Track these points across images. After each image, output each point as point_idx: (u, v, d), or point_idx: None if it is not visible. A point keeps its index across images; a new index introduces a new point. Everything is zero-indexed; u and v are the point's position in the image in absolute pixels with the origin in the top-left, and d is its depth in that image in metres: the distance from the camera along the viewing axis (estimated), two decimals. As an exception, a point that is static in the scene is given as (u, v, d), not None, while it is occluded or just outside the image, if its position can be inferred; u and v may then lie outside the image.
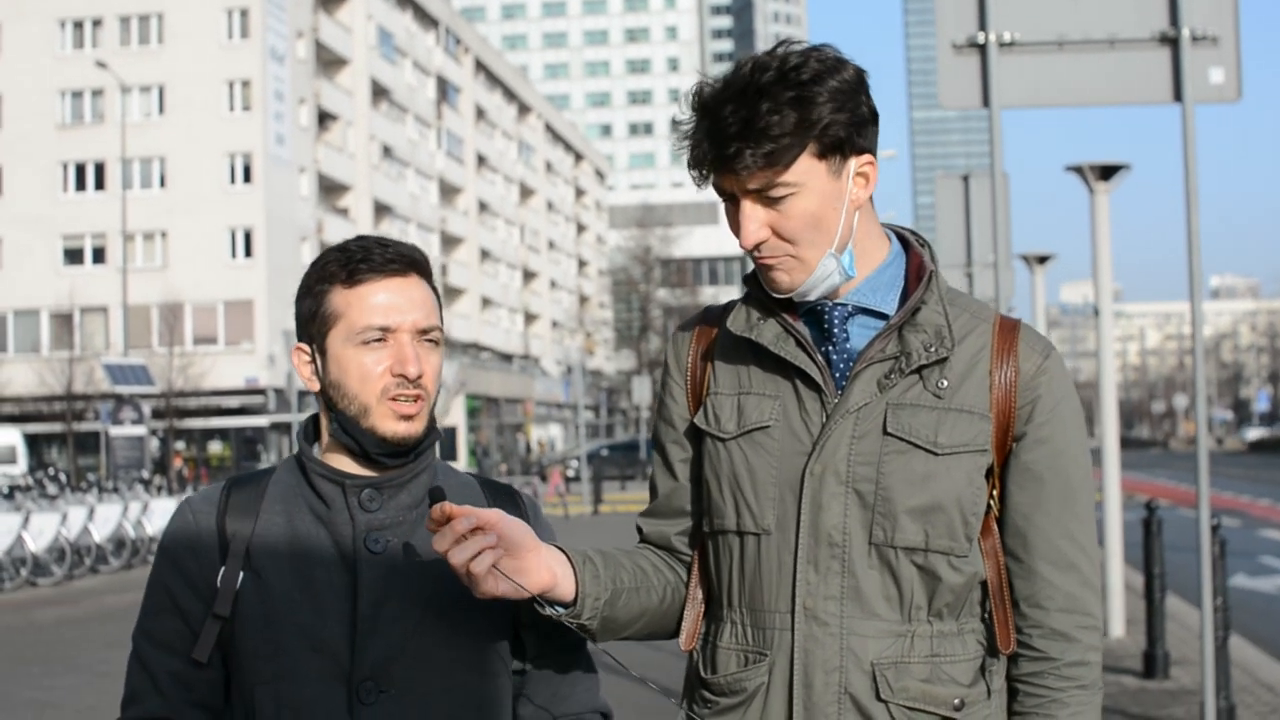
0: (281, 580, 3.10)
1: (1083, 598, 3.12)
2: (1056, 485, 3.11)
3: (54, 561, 27.38)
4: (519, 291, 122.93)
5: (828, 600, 3.04)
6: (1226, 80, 9.59)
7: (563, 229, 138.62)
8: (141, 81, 78.81)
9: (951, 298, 3.14)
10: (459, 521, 2.90)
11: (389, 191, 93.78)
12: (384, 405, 3.08)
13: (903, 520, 3.02)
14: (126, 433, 47.17)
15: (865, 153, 3.03)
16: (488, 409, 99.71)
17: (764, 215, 3.01)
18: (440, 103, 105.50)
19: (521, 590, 2.98)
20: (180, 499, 27.77)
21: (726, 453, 3.15)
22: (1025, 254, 20.93)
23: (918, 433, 3.03)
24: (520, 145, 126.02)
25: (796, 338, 3.10)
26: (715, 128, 2.96)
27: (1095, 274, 14.74)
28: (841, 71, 2.97)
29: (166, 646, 3.13)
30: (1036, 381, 3.10)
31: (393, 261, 3.13)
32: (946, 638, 3.07)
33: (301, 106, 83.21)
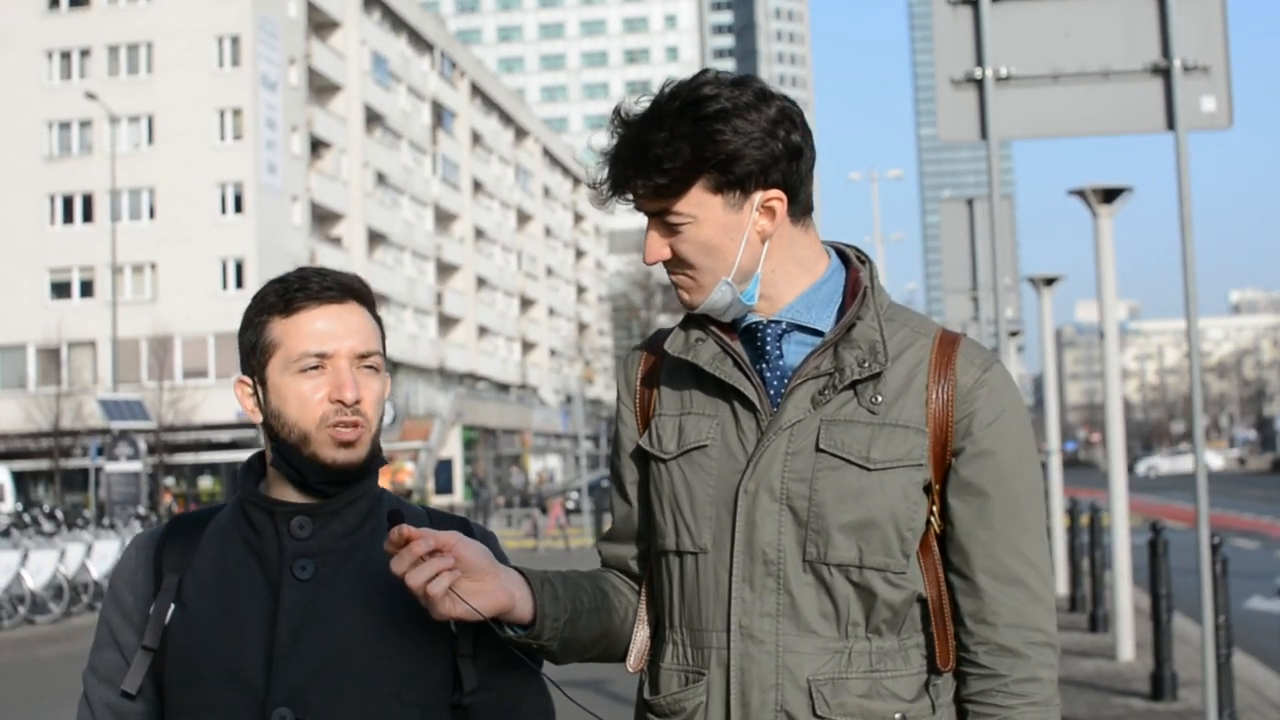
0: (206, 611, 3.11)
1: (1031, 613, 3.08)
2: (999, 499, 3.08)
3: (51, 599, 27.69)
4: (516, 320, 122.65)
5: (763, 618, 3.06)
6: (1218, 108, 10.09)
7: (561, 255, 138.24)
8: (130, 112, 78.30)
9: (891, 314, 3.16)
10: (417, 544, 2.90)
11: (383, 219, 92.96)
12: (323, 432, 3.09)
13: (836, 537, 3.03)
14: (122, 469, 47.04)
15: (774, 187, 3.04)
16: (485, 440, 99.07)
17: (664, 238, 3.09)
18: (435, 128, 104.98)
19: (475, 612, 2.97)
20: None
21: (668, 473, 3.19)
22: (1032, 276, 21.25)
23: (850, 448, 3.05)
24: (517, 170, 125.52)
25: (734, 357, 3.14)
26: (617, 150, 3.07)
27: (1100, 297, 14.93)
28: (759, 107, 3.01)
29: (106, 680, 3.17)
30: (974, 394, 3.09)
31: (329, 289, 3.16)
32: (887, 654, 3.06)
33: (294, 134, 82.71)
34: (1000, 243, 19.86)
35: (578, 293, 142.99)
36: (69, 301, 78.52)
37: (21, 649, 23.21)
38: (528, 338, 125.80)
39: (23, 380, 77.46)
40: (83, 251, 77.84)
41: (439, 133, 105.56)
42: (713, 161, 2.99)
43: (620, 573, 3.39)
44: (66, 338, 76.11)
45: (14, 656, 22.24)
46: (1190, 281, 10.35)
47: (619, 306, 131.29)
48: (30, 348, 77.79)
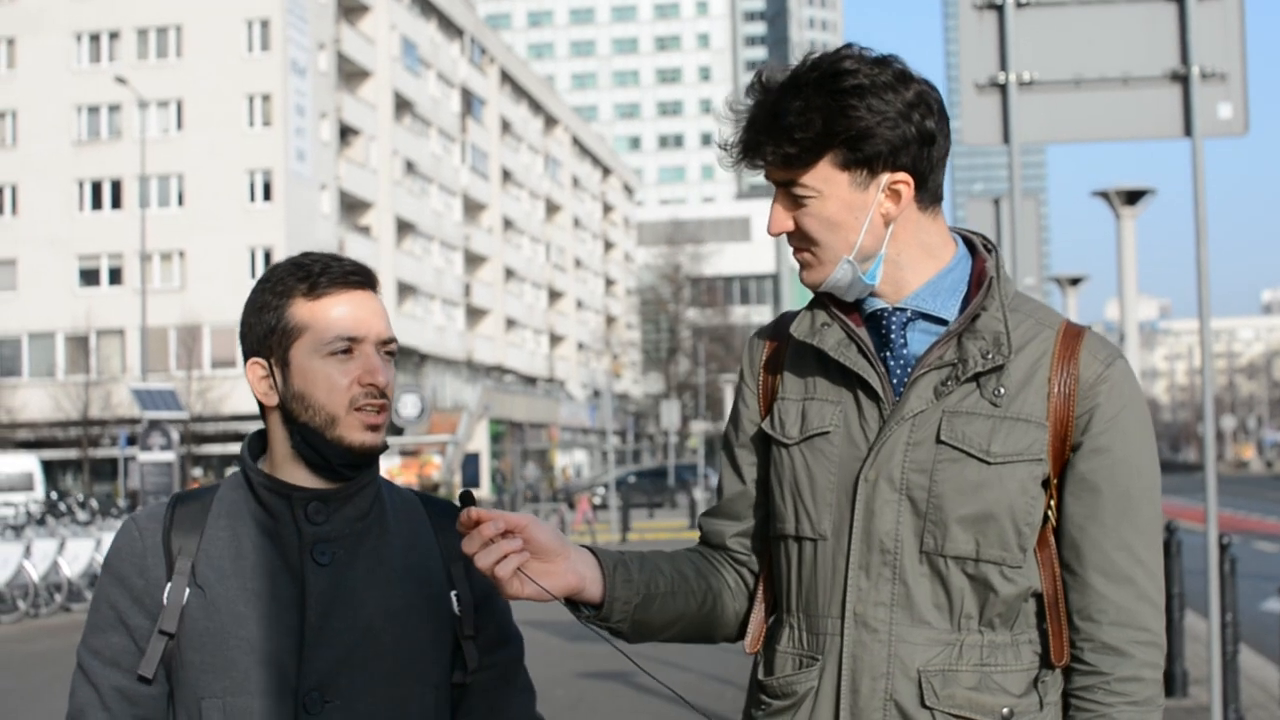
0: (228, 595, 3.14)
1: (1138, 611, 3.06)
2: (1113, 496, 3.06)
3: (87, 587, 27.88)
4: (544, 312, 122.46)
5: (877, 607, 3.06)
6: (1235, 115, 10.21)
7: (590, 246, 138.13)
8: (159, 96, 78.20)
9: (1016, 304, 3.14)
10: (486, 526, 2.93)
11: (412, 208, 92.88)
12: (352, 416, 3.14)
13: (954, 529, 3.03)
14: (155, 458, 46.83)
15: (902, 170, 3.03)
16: (511, 434, 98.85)
17: (789, 209, 3.09)
18: (465, 116, 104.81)
19: (545, 593, 3.00)
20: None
21: (789, 458, 3.19)
22: (1058, 275, 21.58)
23: (971, 441, 3.03)
24: (547, 159, 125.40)
25: (858, 344, 3.13)
26: (753, 115, 3.06)
27: (1121, 298, 15.08)
28: (898, 88, 3.00)
29: (112, 663, 3.19)
30: (1096, 390, 3.06)
31: (352, 274, 3.21)
32: (998, 648, 3.06)
33: (323, 121, 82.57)
34: (1024, 242, 19.93)
35: (606, 285, 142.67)
36: (98, 289, 78.63)
37: (59, 636, 23.36)
38: (555, 330, 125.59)
39: (51, 369, 77.60)
40: (111, 238, 77.90)
41: (468, 120, 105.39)
42: (843, 136, 2.99)
43: (716, 549, 3.39)
44: (95, 326, 76.37)
45: (52, 643, 22.50)
46: (1204, 286, 10.53)
47: (647, 300, 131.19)
48: (59, 336, 77.98)
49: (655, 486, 74.34)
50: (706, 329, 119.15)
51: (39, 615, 26.44)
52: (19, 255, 78.60)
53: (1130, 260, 14.73)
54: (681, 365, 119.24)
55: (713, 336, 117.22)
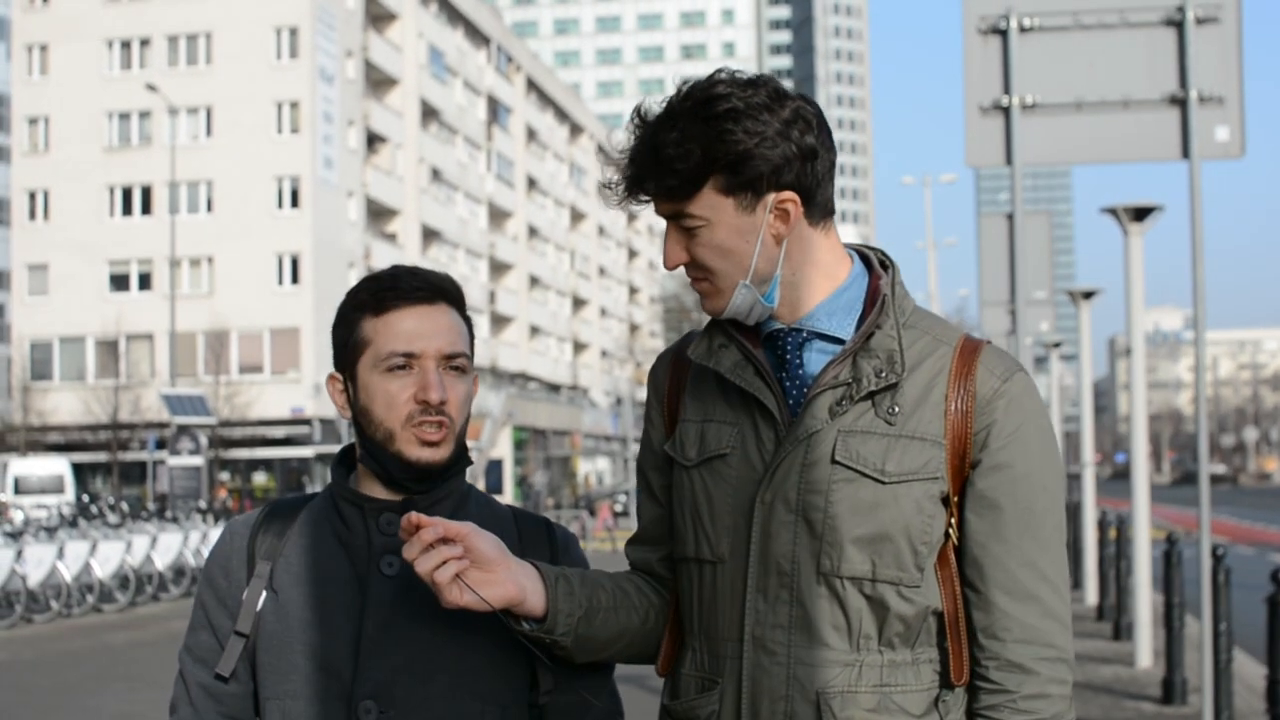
0: (298, 600, 3.21)
1: (1043, 629, 3.04)
2: (1015, 513, 3.04)
3: (118, 588, 28.56)
4: (568, 320, 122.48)
5: (775, 629, 3.05)
6: (1231, 138, 10.58)
7: (614, 254, 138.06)
8: (189, 103, 78.53)
9: (913, 321, 3.12)
10: (425, 531, 2.95)
11: (438, 216, 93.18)
12: (408, 431, 3.16)
13: (849, 550, 3.01)
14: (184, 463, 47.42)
15: (787, 188, 3.00)
16: (535, 441, 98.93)
17: (682, 241, 3.08)
18: (491, 124, 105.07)
19: (482, 602, 3.01)
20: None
21: (689, 480, 3.18)
22: (1071, 289, 21.47)
23: (865, 460, 3.01)
24: (572, 167, 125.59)
25: (755, 365, 3.12)
26: (633, 151, 3.07)
27: (1128, 313, 15.39)
28: (773, 108, 2.98)
29: (201, 660, 3.28)
30: (993, 405, 3.04)
31: (419, 289, 3.22)
32: (898, 667, 3.04)
33: (350, 128, 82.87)
34: (1033, 258, 20.43)
35: (630, 293, 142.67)
36: (127, 294, 79.01)
37: (91, 635, 23.91)
38: (579, 338, 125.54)
39: (82, 373, 77.97)
40: (141, 244, 78.30)
41: (494, 128, 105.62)
42: (722, 162, 2.97)
43: (646, 575, 3.38)
44: (125, 330, 76.67)
45: (85, 643, 22.92)
46: (1200, 305, 10.90)
47: (670, 308, 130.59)
48: (89, 340, 78.35)
49: (677, 494, 74.51)
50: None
51: (71, 615, 26.78)
52: (50, 260, 79.02)
53: (1138, 276, 14.87)
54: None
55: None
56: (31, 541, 27.51)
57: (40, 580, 26.76)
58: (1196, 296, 10.91)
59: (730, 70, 3.05)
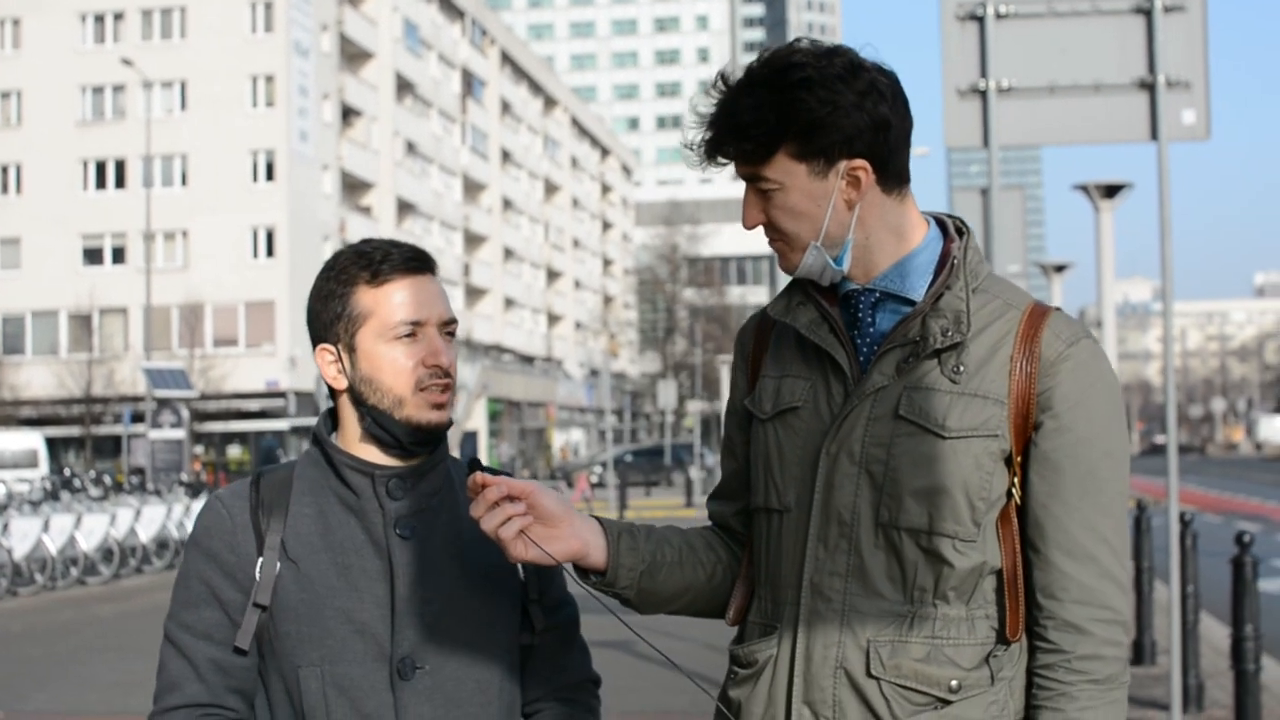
0: (320, 569, 3.30)
1: (1100, 590, 3.09)
2: (1076, 475, 3.10)
3: (102, 561, 28.97)
4: (542, 291, 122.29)
5: (833, 577, 3.15)
6: (1198, 121, 10.99)
7: (588, 227, 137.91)
8: (163, 77, 78.29)
9: (986, 285, 3.20)
10: (490, 490, 3.05)
11: (412, 189, 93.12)
12: (418, 396, 3.29)
13: (907, 501, 3.09)
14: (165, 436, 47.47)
15: (859, 156, 3.10)
16: (509, 413, 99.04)
17: (759, 203, 3.18)
18: (465, 97, 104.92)
19: (547, 556, 3.11)
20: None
21: (764, 433, 3.29)
22: (1043, 262, 21.88)
23: (928, 415, 3.09)
24: (546, 140, 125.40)
25: (830, 322, 3.23)
26: (713, 115, 3.15)
27: (1099, 286, 15.72)
28: (848, 79, 3.06)
29: (205, 636, 3.30)
30: (1057, 368, 3.10)
31: (412, 259, 3.34)
32: (952, 621, 3.11)
33: (325, 102, 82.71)
34: (1007, 232, 20.74)
35: (604, 265, 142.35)
36: (101, 268, 78.79)
37: (78, 608, 24.28)
38: (553, 310, 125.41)
39: (55, 346, 77.81)
40: (115, 217, 78.11)
41: (468, 101, 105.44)
42: (795, 129, 3.06)
43: (721, 529, 3.49)
44: (98, 304, 76.46)
45: (72, 615, 23.28)
46: (1168, 279, 11.28)
47: (645, 280, 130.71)
48: (62, 314, 78.10)
49: (652, 465, 74.83)
50: (703, 309, 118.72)
51: (56, 588, 27.04)
52: (23, 234, 78.73)
53: (1108, 250, 15.25)
54: (678, 345, 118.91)
55: (709, 316, 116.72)
56: (16, 515, 27.72)
57: (25, 553, 26.96)
58: (1165, 273, 11.25)
59: (811, 40, 3.15)
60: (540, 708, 3.57)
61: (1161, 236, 11.14)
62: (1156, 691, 13.33)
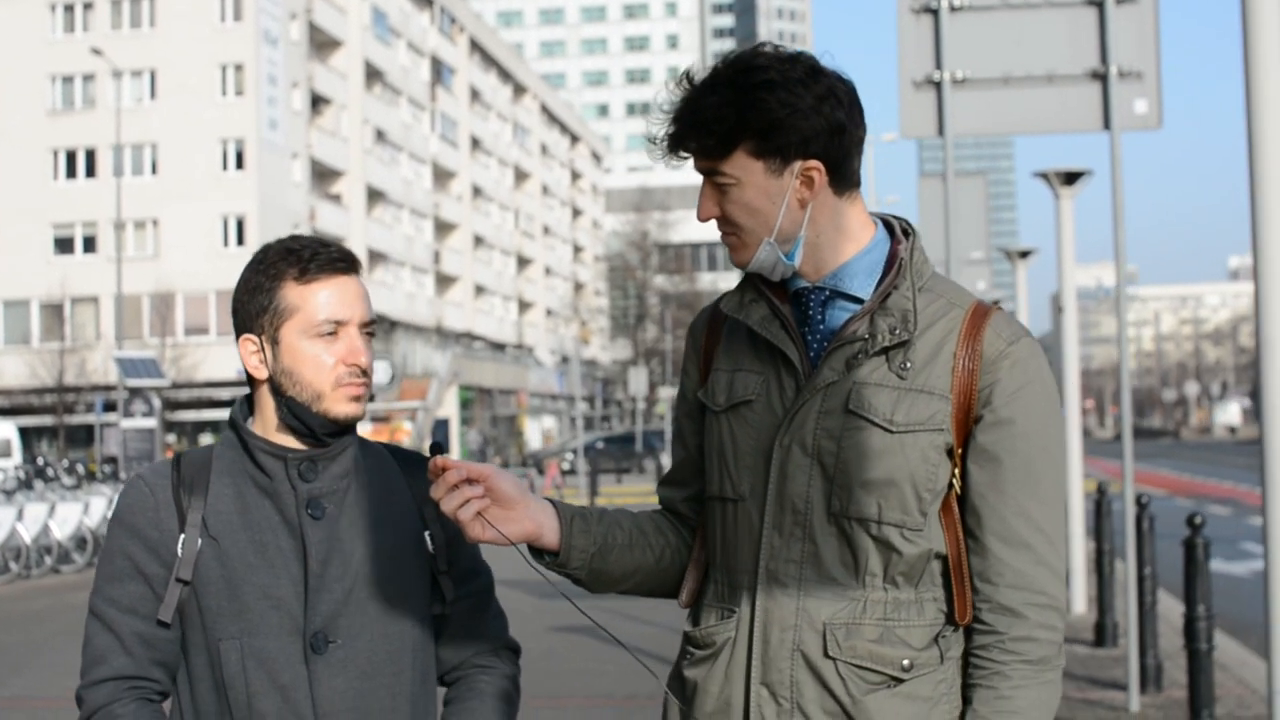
0: (239, 546, 3.44)
1: (1034, 575, 3.23)
2: (1014, 466, 3.23)
3: (75, 549, 28.77)
4: (513, 279, 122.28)
5: (788, 563, 3.27)
6: (1149, 110, 11.28)
7: (558, 214, 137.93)
8: (133, 66, 78.13)
9: (931, 285, 3.33)
10: (450, 473, 3.20)
11: (382, 176, 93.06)
12: (337, 391, 3.45)
13: (858, 493, 3.22)
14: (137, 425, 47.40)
15: (814, 158, 3.22)
16: (481, 400, 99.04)
17: (715, 197, 3.30)
18: (434, 84, 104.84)
19: (503, 537, 3.26)
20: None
21: (718, 424, 3.41)
22: (1008, 248, 21.67)
23: (876, 410, 3.22)
24: (515, 127, 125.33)
25: (781, 319, 3.34)
26: (677, 111, 3.27)
27: (1060, 273, 15.90)
28: (807, 83, 3.20)
29: (130, 610, 3.43)
30: (998, 365, 3.24)
31: (338, 260, 3.48)
32: (902, 604, 3.25)
33: (294, 90, 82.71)
34: (973, 219, 21.05)
35: (574, 252, 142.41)
36: (72, 257, 78.78)
37: (52, 595, 24.30)
38: (524, 297, 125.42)
39: (27, 336, 77.72)
40: (86, 207, 78.07)
41: (438, 89, 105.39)
42: (755, 128, 3.18)
43: (672, 514, 3.61)
44: (70, 293, 76.45)
45: (47, 603, 23.36)
46: (1120, 266, 11.59)
47: (615, 266, 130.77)
48: (34, 303, 78.12)
49: (623, 452, 74.65)
50: (674, 295, 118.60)
51: (30, 576, 26.98)
52: (-5, 224, 78.73)
53: (1069, 237, 15.31)
54: (649, 331, 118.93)
55: (680, 303, 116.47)
56: (-8, 505, 27.52)
57: (0, 542, 26.96)
58: (1118, 261, 11.52)
59: (774, 45, 3.27)
60: (458, 675, 3.74)
61: (1115, 224, 11.36)
62: (1117, 672, 13.49)
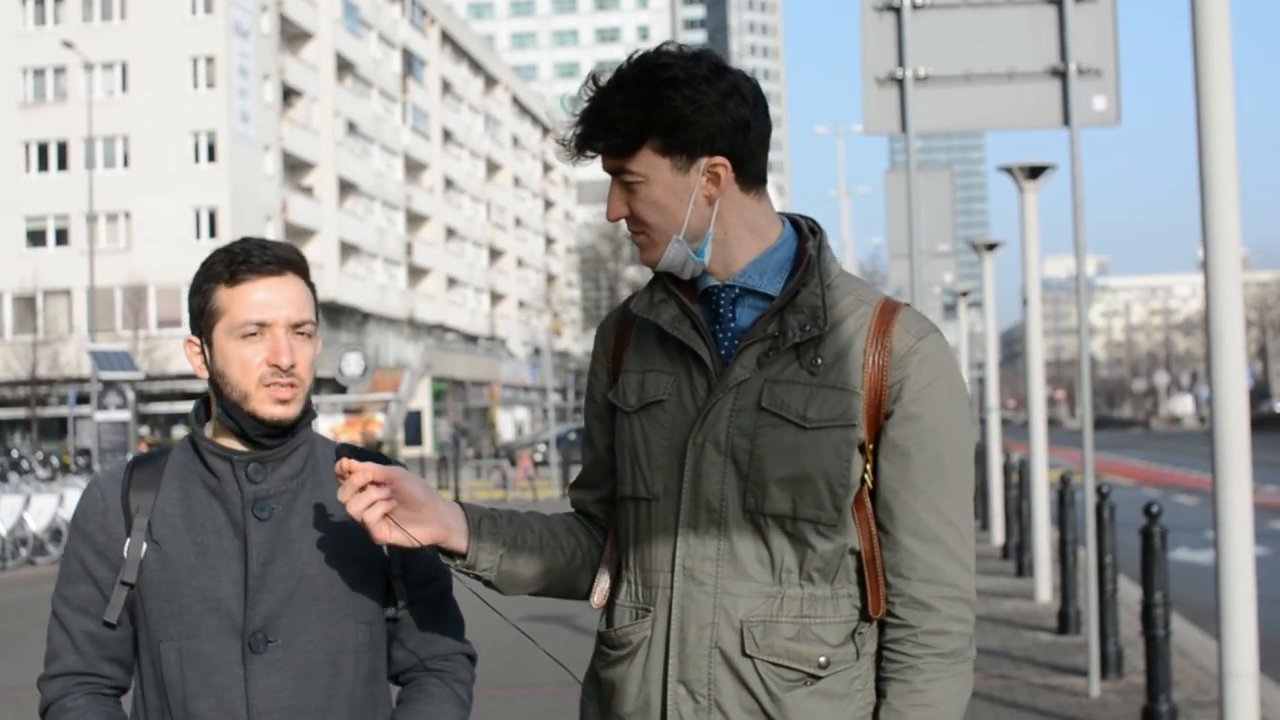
0: (180, 548, 3.47)
1: (945, 569, 3.26)
2: (923, 461, 3.26)
3: (50, 541, 28.65)
4: (485, 271, 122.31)
5: (704, 561, 3.28)
6: (1108, 106, 11.45)
7: (530, 205, 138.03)
8: (104, 59, 78.23)
9: (838, 282, 3.35)
10: (356, 476, 3.23)
11: (354, 169, 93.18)
12: (262, 391, 3.45)
13: (772, 489, 3.23)
14: (111, 418, 47.26)
15: (720, 154, 3.24)
16: (453, 392, 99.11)
17: (624, 196, 3.31)
18: (406, 77, 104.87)
19: (410, 538, 3.29)
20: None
21: (629, 425, 3.41)
22: (974, 241, 21.74)
23: (789, 407, 3.24)
24: (487, 119, 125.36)
25: (691, 319, 3.34)
26: (584, 112, 3.28)
27: (1024, 266, 15.92)
28: (712, 80, 3.22)
29: (82, 610, 3.53)
30: (907, 361, 3.26)
31: (269, 263, 3.47)
32: (818, 600, 3.27)
33: (266, 83, 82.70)
34: (940, 212, 21.31)
35: (546, 244, 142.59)
36: (44, 250, 78.84)
37: (29, 587, 24.24)
38: (496, 289, 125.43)
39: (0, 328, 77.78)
40: (58, 199, 78.18)
41: (409, 81, 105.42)
42: (661, 125, 3.19)
43: (583, 516, 3.62)
44: (42, 286, 76.30)
45: (24, 594, 23.31)
46: (1081, 259, 11.72)
47: (587, 258, 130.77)
48: (6, 296, 78.25)
49: (595, 443, 74.76)
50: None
51: (6, 569, 26.91)
52: (-34, 217, 78.49)
53: (1033, 230, 15.23)
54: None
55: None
56: (-34, 497, 27.54)
57: (-25, 535, 26.85)
58: (1078, 254, 11.67)
59: (678, 44, 3.28)
60: (410, 677, 3.74)
61: (1074, 219, 11.57)
62: (1079, 659, 13.57)
